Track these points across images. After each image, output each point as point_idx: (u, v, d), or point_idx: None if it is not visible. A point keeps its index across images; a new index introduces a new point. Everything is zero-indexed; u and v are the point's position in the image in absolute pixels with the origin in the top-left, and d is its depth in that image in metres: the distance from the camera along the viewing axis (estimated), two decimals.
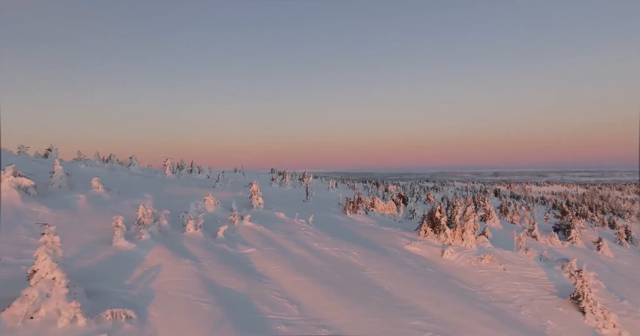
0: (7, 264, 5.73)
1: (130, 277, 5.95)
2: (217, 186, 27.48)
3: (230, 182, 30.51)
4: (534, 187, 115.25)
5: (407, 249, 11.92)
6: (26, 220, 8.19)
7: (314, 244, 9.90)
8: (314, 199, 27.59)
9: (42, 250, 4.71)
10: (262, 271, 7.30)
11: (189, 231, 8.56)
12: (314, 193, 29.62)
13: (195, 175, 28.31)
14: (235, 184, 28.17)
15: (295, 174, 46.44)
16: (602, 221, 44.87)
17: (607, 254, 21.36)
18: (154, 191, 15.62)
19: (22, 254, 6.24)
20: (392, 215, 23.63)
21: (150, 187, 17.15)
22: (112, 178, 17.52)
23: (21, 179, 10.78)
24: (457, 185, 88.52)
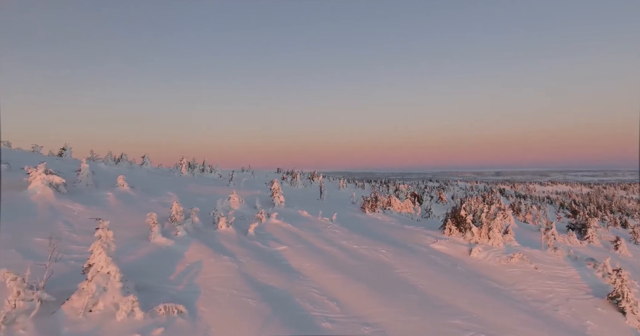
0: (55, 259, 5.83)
1: (174, 273, 6.00)
2: (231, 184, 27.64)
3: (244, 181, 30.70)
4: (538, 187, 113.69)
5: (433, 248, 11.78)
6: (64, 217, 8.35)
7: (343, 242, 9.84)
8: (327, 198, 27.57)
9: (98, 244, 4.77)
10: (298, 269, 7.28)
11: (221, 228, 8.60)
12: (325, 191, 29.61)
13: (207, 174, 28.55)
14: (248, 183, 28.32)
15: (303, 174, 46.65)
16: (613, 221, 43.87)
17: (625, 254, 20.79)
18: (175, 189, 15.80)
19: (69, 250, 6.36)
20: (409, 214, 23.43)
21: (170, 185, 17.35)
22: (133, 177, 17.72)
23: (52, 176, 11.01)
24: (460, 185, 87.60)
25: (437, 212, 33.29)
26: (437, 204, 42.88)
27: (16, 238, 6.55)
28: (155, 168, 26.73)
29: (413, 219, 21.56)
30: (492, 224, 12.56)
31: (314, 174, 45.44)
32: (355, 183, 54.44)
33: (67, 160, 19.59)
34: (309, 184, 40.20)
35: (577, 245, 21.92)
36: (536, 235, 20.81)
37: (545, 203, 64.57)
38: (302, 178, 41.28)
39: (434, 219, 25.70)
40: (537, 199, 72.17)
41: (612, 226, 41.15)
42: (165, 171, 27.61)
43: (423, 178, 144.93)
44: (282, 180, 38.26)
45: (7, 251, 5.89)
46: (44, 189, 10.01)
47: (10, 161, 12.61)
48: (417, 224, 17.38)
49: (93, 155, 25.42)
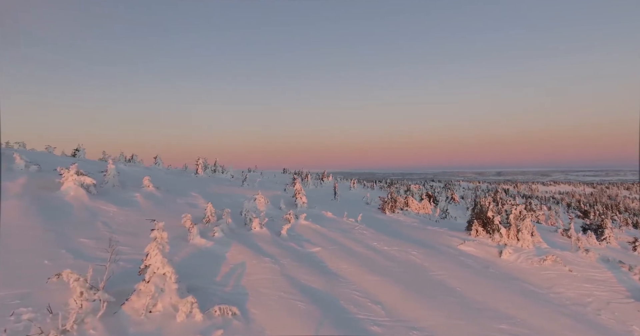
0: (104, 259, 5.90)
1: (219, 274, 6.01)
2: (245, 185, 27.76)
3: (257, 181, 30.77)
4: (541, 187, 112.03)
5: (461, 249, 11.59)
6: (101, 217, 8.47)
7: (373, 243, 9.76)
8: (340, 198, 27.49)
9: (154, 246, 4.80)
10: (336, 270, 7.23)
11: (255, 230, 8.61)
12: (338, 192, 29.60)
13: (218, 175, 28.68)
14: (261, 183, 28.34)
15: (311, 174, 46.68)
16: (624, 221, 42.74)
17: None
18: (197, 189, 15.92)
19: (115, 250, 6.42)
20: (428, 214, 23.19)
21: (191, 186, 17.49)
22: (153, 177, 17.81)
23: (83, 177, 11.18)
24: (463, 185, 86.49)
25: (452, 213, 32.91)
26: (450, 204, 42.41)
27: (62, 238, 6.66)
28: (166, 168, 26.91)
29: (431, 220, 21.32)
30: (522, 225, 12.31)
31: (323, 174, 45.47)
32: (364, 183, 54.26)
33: (82, 160, 19.81)
34: (319, 184, 40.26)
35: (596, 246, 21.39)
36: (553, 236, 20.36)
37: (551, 203, 63.60)
38: (312, 178, 41.38)
39: (451, 219, 25.40)
40: (542, 200, 71.13)
41: (625, 227, 40.16)
42: (178, 171, 27.83)
43: (424, 178, 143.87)
44: (292, 181, 38.30)
45: (58, 251, 5.98)
46: (77, 190, 10.17)
47: (30, 162, 12.88)
48: (438, 225, 17.16)
49: (105, 155, 25.72)
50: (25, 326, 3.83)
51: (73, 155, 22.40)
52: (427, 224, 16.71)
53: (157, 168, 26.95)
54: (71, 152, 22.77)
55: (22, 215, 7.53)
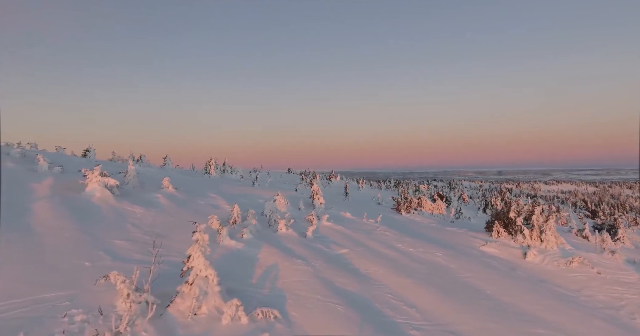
0: (143, 261, 5.95)
1: (254, 276, 6.01)
2: (256, 185, 27.81)
3: (269, 182, 30.83)
4: (543, 186, 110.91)
5: (483, 251, 11.44)
6: (129, 219, 8.56)
7: (398, 244, 9.69)
8: (351, 198, 27.39)
9: (196, 248, 4.81)
10: (365, 272, 7.18)
11: (281, 231, 8.61)
12: (349, 192, 29.52)
13: (227, 175, 28.77)
14: (272, 184, 28.37)
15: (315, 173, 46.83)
16: (633, 221, 41.88)
17: None
18: (213, 190, 16.01)
19: (148, 252, 6.48)
20: (442, 215, 22.97)
21: (207, 186, 17.60)
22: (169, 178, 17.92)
23: (107, 179, 11.31)
24: (465, 184, 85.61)
25: (465, 213, 32.55)
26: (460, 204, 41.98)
27: (97, 239, 6.74)
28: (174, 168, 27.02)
29: (446, 221, 21.13)
30: (545, 226, 12.09)
31: (331, 174, 45.47)
32: (370, 183, 54.10)
33: (93, 161, 19.82)
34: (327, 184, 40.24)
35: (611, 247, 20.94)
36: (567, 236, 19.98)
37: (557, 203, 62.79)
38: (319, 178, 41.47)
39: (464, 220, 25.11)
40: (546, 199, 70.31)
41: (635, 227, 39.44)
42: (189, 171, 27.96)
43: (425, 177, 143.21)
44: (301, 181, 38.43)
45: (96, 252, 6.05)
46: (103, 191, 10.29)
47: (52, 163, 13.07)
48: (455, 226, 16.99)
49: (114, 156, 25.87)
50: (79, 327, 3.88)
51: (84, 155, 22.52)
52: (444, 225, 16.56)
53: (170, 168, 27.21)
54: (82, 153, 22.86)
55: (55, 216, 7.64)
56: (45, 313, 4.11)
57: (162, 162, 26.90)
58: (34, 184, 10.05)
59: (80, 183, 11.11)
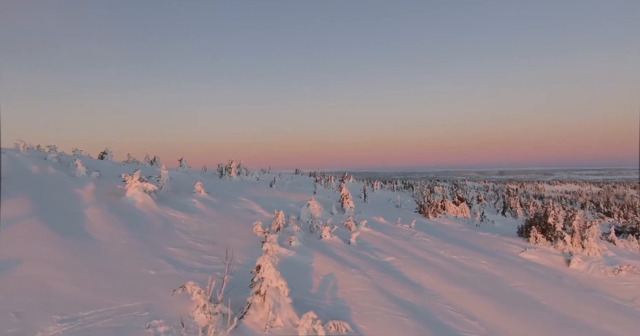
0: (204, 270, 5.98)
1: (313, 286, 5.96)
2: (274, 187, 27.88)
3: (287, 184, 30.87)
4: (547, 186, 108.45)
5: (523, 257, 11.14)
6: (176, 225, 8.65)
7: (440, 251, 9.51)
8: (369, 201, 27.17)
9: (266, 259, 4.80)
10: (418, 281, 7.06)
11: (326, 238, 8.56)
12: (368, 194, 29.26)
13: (242, 176, 28.83)
14: (290, 186, 28.33)
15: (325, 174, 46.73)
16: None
17: None
18: (242, 194, 16.11)
19: (205, 260, 6.52)
20: (466, 218, 22.56)
21: (234, 190, 17.74)
22: (193, 181, 18.05)
23: (146, 184, 11.48)
24: (469, 184, 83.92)
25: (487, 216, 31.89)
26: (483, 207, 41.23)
27: (153, 247, 6.82)
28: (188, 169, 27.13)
29: (472, 224, 20.74)
30: (588, 232, 11.69)
31: (344, 176, 45.35)
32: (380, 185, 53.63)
33: (111, 163, 19.99)
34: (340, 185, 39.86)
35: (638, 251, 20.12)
36: None
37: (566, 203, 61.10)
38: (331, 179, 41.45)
39: (488, 223, 24.59)
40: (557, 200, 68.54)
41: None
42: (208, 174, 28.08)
43: (427, 177, 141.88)
44: (315, 182, 38.42)
45: (157, 260, 6.11)
46: (144, 197, 10.45)
47: (90, 169, 13.36)
48: (484, 230, 16.63)
49: (130, 158, 26.14)
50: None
51: (101, 158, 22.76)
52: (474, 229, 16.23)
53: (185, 170, 27.53)
54: (98, 155, 23.04)
55: (107, 223, 7.79)
56: (128, 323, 4.16)
57: (178, 164, 26.96)
58: (78, 189, 10.29)
59: (119, 188, 11.32)
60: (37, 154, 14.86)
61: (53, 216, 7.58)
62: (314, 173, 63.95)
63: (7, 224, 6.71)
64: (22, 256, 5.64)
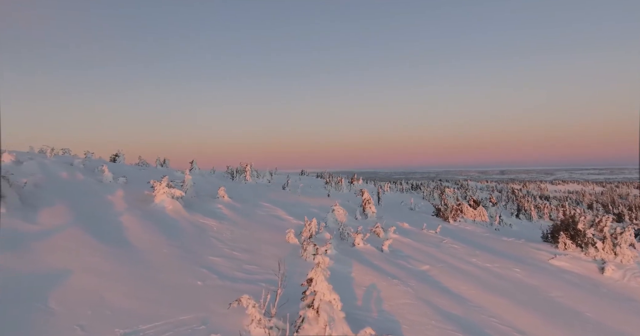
0: (247, 280, 6.01)
1: (357, 297, 5.93)
2: (287, 190, 27.88)
3: (300, 187, 30.85)
4: (550, 186, 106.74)
5: (554, 264, 10.92)
6: (209, 232, 8.71)
7: (472, 259, 9.39)
8: (383, 203, 27.00)
9: (319, 271, 4.77)
10: (458, 292, 6.96)
11: (359, 246, 8.53)
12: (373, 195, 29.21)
13: (254, 179, 28.88)
14: (303, 189, 28.25)
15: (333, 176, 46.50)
16: None
17: None
18: (262, 198, 16.17)
19: (246, 270, 6.55)
20: (484, 222, 22.27)
21: (254, 194, 17.81)
22: (209, 185, 18.11)
23: (174, 190, 11.60)
24: (471, 184, 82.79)
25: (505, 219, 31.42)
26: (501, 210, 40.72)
27: (193, 255, 6.88)
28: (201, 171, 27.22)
29: (491, 228, 20.46)
30: (620, 239, 11.41)
31: (353, 177, 45.29)
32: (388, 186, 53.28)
33: (122, 166, 19.97)
34: (350, 187, 40.13)
35: None
36: None
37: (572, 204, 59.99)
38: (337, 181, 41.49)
39: (506, 227, 24.23)
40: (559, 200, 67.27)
41: None
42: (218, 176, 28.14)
43: (427, 177, 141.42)
44: (325, 184, 38.39)
45: (200, 270, 6.16)
46: (174, 203, 10.57)
47: (117, 174, 13.54)
48: (505, 234, 16.39)
49: (141, 160, 26.26)
50: None
51: (113, 160, 22.83)
52: (497, 234, 16.00)
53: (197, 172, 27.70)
54: (110, 158, 23.07)
55: (145, 230, 7.89)
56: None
57: (187, 165, 26.94)
58: (109, 196, 10.45)
59: (146, 194, 11.48)
60: (63, 160, 15.16)
61: (92, 224, 7.70)
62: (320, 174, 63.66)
63: (51, 233, 6.85)
64: (72, 267, 5.74)
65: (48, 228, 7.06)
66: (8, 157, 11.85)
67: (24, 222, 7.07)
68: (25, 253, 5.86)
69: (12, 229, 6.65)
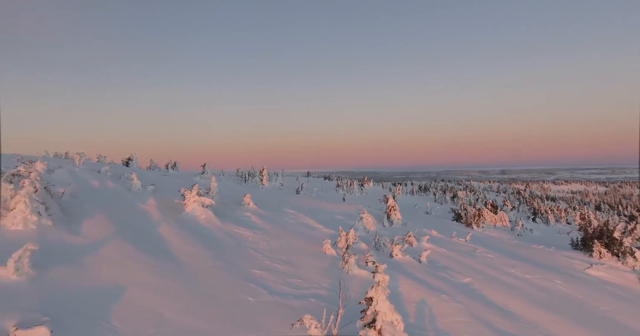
0: (295, 296, 5.96)
1: (409, 314, 5.83)
2: (302, 193, 27.75)
3: (315, 191, 30.73)
4: (552, 186, 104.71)
5: (591, 274, 10.61)
6: (245, 242, 8.71)
7: (510, 270, 9.18)
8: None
9: (379, 291, 4.70)
10: (507, 307, 6.79)
11: (397, 257, 8.42)
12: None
13: (271, 183, 28.80)
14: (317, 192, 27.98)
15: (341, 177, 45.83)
16: None
17: None
18: (285, 205, 16.13)
19: (291, 283, 6.50)
20: (505, 227, 21.86)
21: (272, 199, 17.78)
22: (227, 189, 18.06)
23: (203, 198, 11.65)
24: (474, 184, 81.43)
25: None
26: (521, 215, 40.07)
27: (236, 268, 6.87)
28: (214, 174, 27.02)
29: (514, 234, 20.07)
30: None
31: (363, 180, 45.07)
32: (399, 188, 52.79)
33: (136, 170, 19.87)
34: (362, 190, 39.95)
35: None
36: None
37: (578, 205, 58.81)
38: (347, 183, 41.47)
39: (527, 232, 23.71)
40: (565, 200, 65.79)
41: None
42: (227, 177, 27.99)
43: (428, 177, 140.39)
44: (337, 187, 38.26)
45: (248, 284, 6.14)
46: (205, 212, 10.61)
47: (145, 183, 13.66)
48: (532, 241, 16.03)
49: (153, 163, 26.24)
50: None
51: (126, 164, 22.83)
52: (523, 241, 15.66)
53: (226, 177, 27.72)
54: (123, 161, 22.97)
55: (185, 242, 7.92)
56: None
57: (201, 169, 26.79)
58: (141, 205, 10.55)
59: (176, 202, 11.56)
60: (90, 167, 15.38)
61: (133, 235, 7.77)
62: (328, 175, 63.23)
63: (98, 246, 6.92)
64: (125, 281, 5.78)
65: (93, 240, 7.14)
66: (40, 165, 12.08)
67: (69, 234, 7.17)
68: (79, 267, 5.93)
69: (60, 242, 6.74)
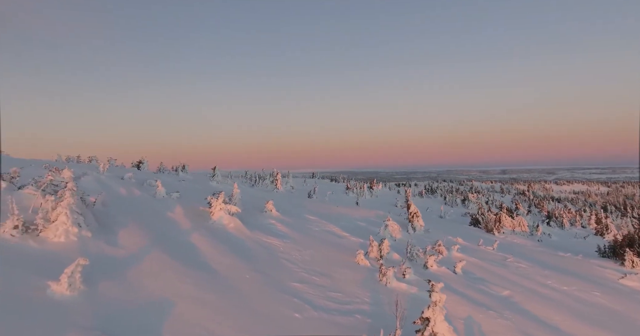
0: (339, 311, 5.88)
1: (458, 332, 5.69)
2: (315, 198, 27.68)
3: (328, 194, 30.63)
4: (555, 186, 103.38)
5: (624, 284, 10.34)
6: (277, 253, 8.66)
7: (547, 281, 8.98)
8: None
9: (437, 311, 4.61)
10: (554, 324, 6.62)
11: (433, 268, 8.30)
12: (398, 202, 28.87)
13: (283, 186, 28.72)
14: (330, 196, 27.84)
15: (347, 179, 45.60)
16: None
17: None
18: (304, 210, 16.09)
19: (332, 298, 6.43)
20: (524, 232, 21.49)
21: (289, 204, 17.73)
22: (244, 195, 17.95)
23: (230, 206, 11.64)
24: (476, 184, 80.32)
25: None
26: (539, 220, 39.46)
27: (274, 281, 6.82)
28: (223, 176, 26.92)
29: (534, 240, 19.71)
30: None
31: (373, 182, 44.87)
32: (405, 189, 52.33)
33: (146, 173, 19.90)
34: (371, 193, 39.80)
35: None
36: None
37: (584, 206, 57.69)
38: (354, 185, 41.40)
39: (545, 236, 23.25)
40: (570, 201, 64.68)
41: None
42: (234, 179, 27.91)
43: (428, 177, 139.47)
44: (346, 190, 38.16)
45: (291, 299, 6.08)
46: (233, 221, 10.59)
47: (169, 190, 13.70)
48: (553, 246, 15.71)
49: (162, 166, 26.29)
50: None
51: (137, 167, 22.83)
52: (547, 247, 15.36)
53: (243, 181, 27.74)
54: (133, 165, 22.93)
55: (219, 252, 7.91)
56: None
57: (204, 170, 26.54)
58: (169, 213, 10.58)
59: (201, 210, 11.57)
60: (112, 173, 15.53)
61: (168, 246, 7.78)
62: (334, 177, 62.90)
63: (137, 257, 6.94)
64: (168, 294, 5.77)
65: (131, 251, 7.17)
66: (68, 173, 12.22)
67: (108, 245, 7.21)
68: (124, 280, 5.94)
69: (101, 254, 6.77)
